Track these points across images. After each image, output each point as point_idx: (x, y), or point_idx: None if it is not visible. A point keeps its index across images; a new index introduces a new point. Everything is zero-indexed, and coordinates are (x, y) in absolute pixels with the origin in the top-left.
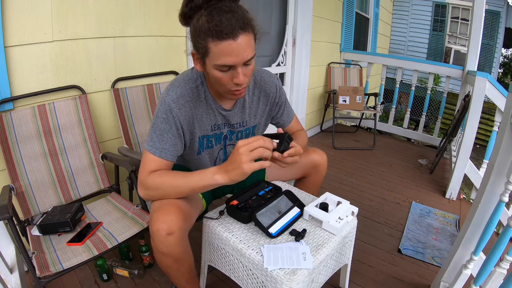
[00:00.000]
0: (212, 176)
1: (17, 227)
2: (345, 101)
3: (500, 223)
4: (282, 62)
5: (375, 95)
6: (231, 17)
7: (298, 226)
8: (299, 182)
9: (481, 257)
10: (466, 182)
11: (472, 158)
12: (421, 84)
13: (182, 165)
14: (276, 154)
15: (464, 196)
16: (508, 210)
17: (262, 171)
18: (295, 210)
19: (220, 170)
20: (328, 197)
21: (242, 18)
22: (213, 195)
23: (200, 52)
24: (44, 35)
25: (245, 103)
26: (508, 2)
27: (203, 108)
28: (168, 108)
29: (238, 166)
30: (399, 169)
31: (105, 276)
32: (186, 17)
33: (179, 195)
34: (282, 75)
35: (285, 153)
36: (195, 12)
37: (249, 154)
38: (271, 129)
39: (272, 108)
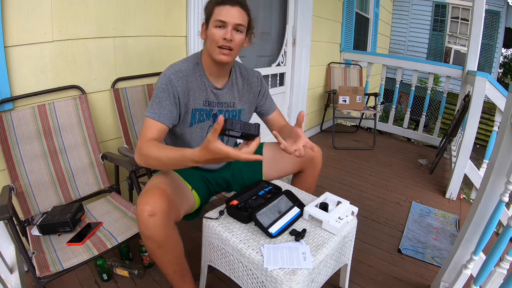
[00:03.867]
0: (191, 157)
1: (17, 227)
2: (345, 101)
3: (500, 223)
4: (282, 62)
5: (375, 95)
6: None
7: (298, 226)
8: (296, 177)
9: (481, 257)
10: (466, 182)
11: (472, 158)
12: (421, 84)
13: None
14: (283, 146)
15: (464, 196)
16: (508, 210)
17: (259, 169)
18: (295, 210)
19: (200, 155)
20: (328, 197)
21: (244, 1)
22: (208, 191)
23: (207, 17)
24: (44, 35)
25: (233, 85)
26: (508, 2)
27: (198, 84)
28: (168, 79)
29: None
30: (399, 169)
31: (105, 276)
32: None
33: (164, 166)
34: (282, 75)
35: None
36: None
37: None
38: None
39: (255, 97)
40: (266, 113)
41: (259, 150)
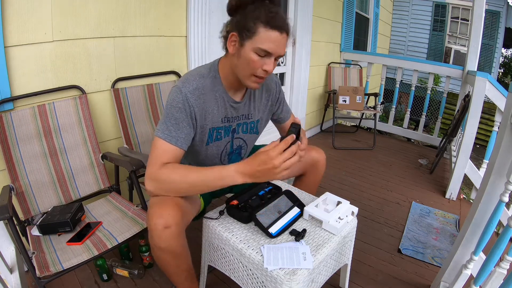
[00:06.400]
0: (233, 177)
1: (17, 227)
2: (345, 101)
3: (500, 223)
4: (282, 62)
5: (375, 95)
6: (285, 18)
7: (298, 226)
8: (298, 180)
9: (481, 257)
10: (466, 182)
11: (472, 158)
12: (421, 84)
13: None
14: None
15: (464, 196)
16: (508, 210)
17: None
18: (295, 210)
19: (244, 171)
20: (328, 197)
21: (289, 25)
22: (212, 195)
23: (245, 33)
24: (44, 35)
25: (251, 96)
26: (508, 2)
27: (216, 101)
28: (185, 98)
29: (272, 174)
30: (399, 169)
31: (105, 276)
32: (240, 5)
33: (192, 191)
34: (282, 75)
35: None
36: (249, 3)
37: (284, 165)
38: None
39: (273, 104)
40: (282, 121)
41: None
